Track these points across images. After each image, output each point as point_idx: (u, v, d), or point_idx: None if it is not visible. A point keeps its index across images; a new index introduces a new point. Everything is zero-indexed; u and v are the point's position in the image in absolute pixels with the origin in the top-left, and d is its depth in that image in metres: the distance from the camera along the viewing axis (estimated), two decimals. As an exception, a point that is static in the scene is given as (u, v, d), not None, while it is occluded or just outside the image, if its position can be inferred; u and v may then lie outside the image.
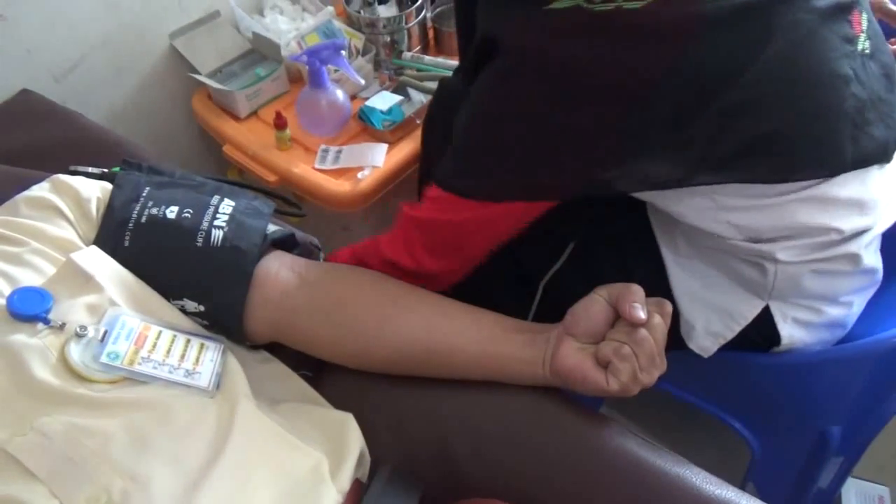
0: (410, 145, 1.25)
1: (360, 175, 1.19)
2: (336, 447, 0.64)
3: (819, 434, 0.88)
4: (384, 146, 1.23)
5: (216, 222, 0.69)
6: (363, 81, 1.29)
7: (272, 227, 0.76)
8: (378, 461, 0.67)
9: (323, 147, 1.24)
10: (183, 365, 0.62)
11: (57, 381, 0.55)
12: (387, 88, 1.32)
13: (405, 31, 1.36)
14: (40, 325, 0.57)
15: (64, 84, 1.21)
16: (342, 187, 1.19)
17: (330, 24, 1.33)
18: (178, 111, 1.41)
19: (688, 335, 0.82)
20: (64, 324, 0.58)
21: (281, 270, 0.73)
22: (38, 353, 0.56)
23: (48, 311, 0.58)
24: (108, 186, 0.72)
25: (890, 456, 1.21)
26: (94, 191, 0.70)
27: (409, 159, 1.24)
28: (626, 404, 1.23)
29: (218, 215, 0.70)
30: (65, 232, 0.66)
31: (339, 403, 0.70)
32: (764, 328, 0.79)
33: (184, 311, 0.68)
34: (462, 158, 0.75)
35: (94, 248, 0.66)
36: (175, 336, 0.64)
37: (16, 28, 1.11)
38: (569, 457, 0.65)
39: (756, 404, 0.95)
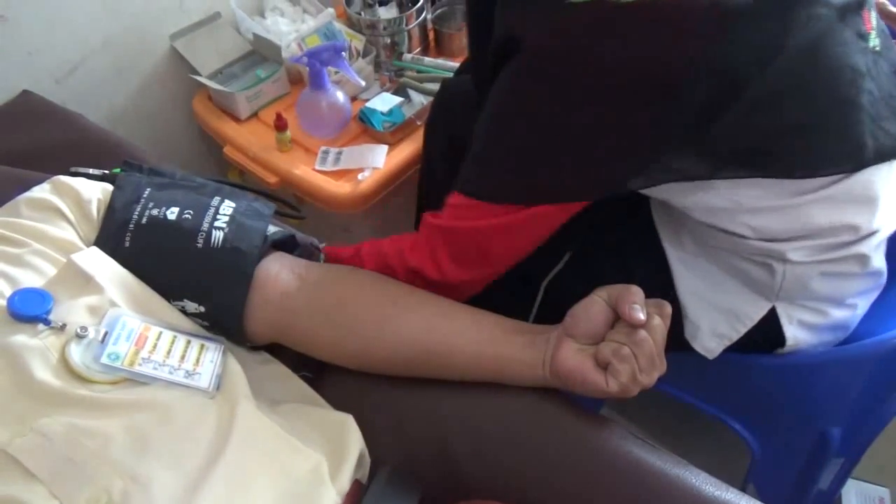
0: (411, 147, 1.25)
1: (360, 176, 1.19)
2: (336, 448, 0.64)
3: (819, 435, 0.88)
4: (384, 147, 1.23)
5: (216, 223, 0.69)
6: (363, 83, 1.29)
7: (272, 229, 0.76)
8: (378, 462, 0.67)
9: (323, 148, 1.24)
10: (183, 366, 0.62)
11: (57, 382, 0.55)
12: (387, 90, 1.32)
13: (405, 32, 1.36)
14: (41, 326, 0.57)
15: (65, 85, 1.22)
16: (342, 188, 1.19)
17: (330, 25, 1.33)
18: (178, 112, 1.41)
19: (693, 336, 0.81)
20: (64, 325, 0.58)
21: (281, 272, 0.73)
22: (38, 353, 0.56)
23: (49, 312, 0.58)
24: (109, 188, 0.72)
25: (890, 457, 1.21)
26: (94, 192, 0.70)
27: (409, 161, 1.24)
28: (626, 406, 1.23)
29: (218, 216, 0.70)
30: (65, 233, 0.66)
31: (338, 404, 0.70)
32: (768, 330, 0.78)
33: (184, 311, 0.68)
34: (485, 162, 0.74)
35: (95, 249, 0.66)
36: (175, 337, 0.64)
37: (17, 30, 1.11)
38: (569, 458, 0.65)
39: (756, 405, 0.95)
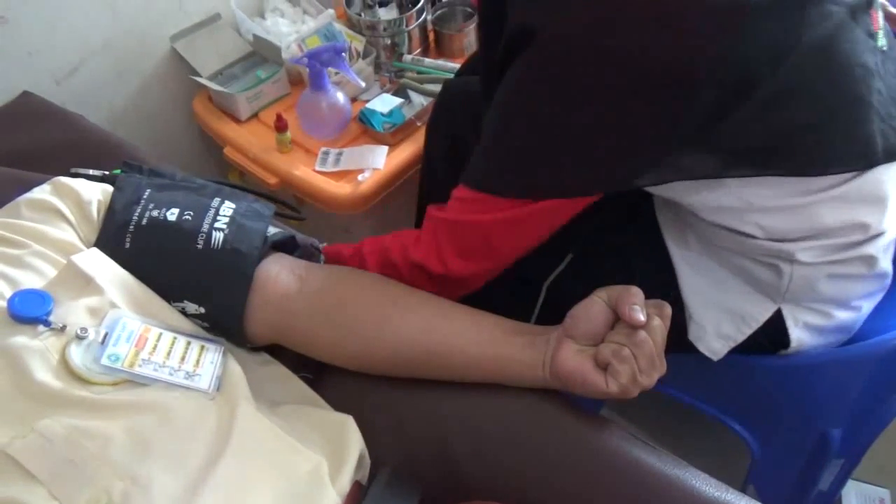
0: (411, 147, 1.25)
1: (360, 177, 1.20)
2: (336, 449, 0.64)
3: (819, 436, 0.88)
4: (385, 148, 1.24)
5: (216, 224, 0.69)
6: (364, 84, 1.29)
7: (273, 230, 0.76)
8: (378, 463, 0.67)
9: (323, 149, 1.25)
10: (183, 367, 0.62)
11: (58, 383, 0.55)
12: (387, 91, 1.32)
13: (406, 33, 1.36)
14: (41, 328, 0.57)
15: (65, 86, 1.22)
16: (343, 189, 1.19)
17: (330, 26, 1.33)
18: (178, 113, 1.41)
19: (698, 337, 0.81)
20: (65, 326, 0.58)
21: (281, 273, 0.73)
22: (38, 355, 0.56)
23: (49, 314, 0.58)
24: (109, 189, 0.72)
25: (891, 458, 1.21)
26: (94, 193, 0.70)
27: (409, 161, 1.24)
28: (626, 407, 1.23)
29: (218, 218, 0.70)
30: (66, 234, 0.66)
31: (339, 405, 0.70)
32: (772, 331, 0.78)
33: (184, 313, 0.68)
34: (493, 156, 0.73)
35: (95, 250, 0.66)
36: (175, 338, 0.64)
37: (17, 31, 1.11)
38: (569, 458, 0.65)
39: (756, 406, 0.95)
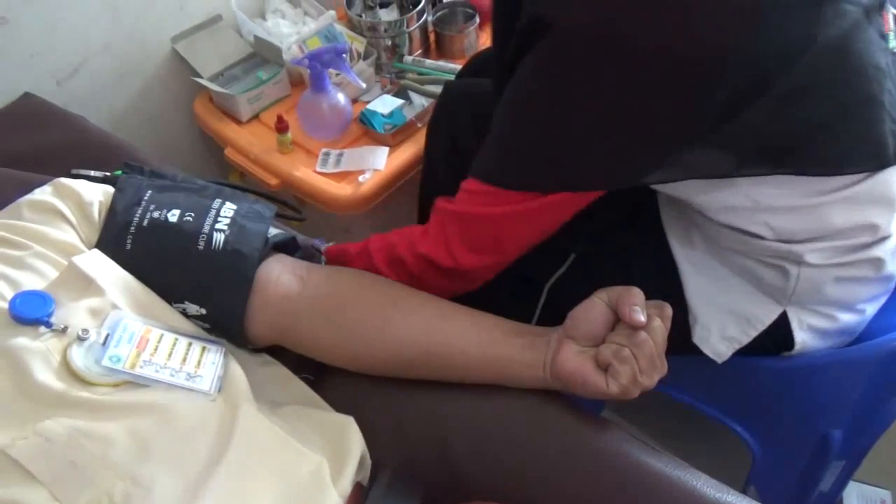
0: (412, 148, 1.25)
1: (361, 178, 1.20)
2: (337, 450, 0.64)
3: (820, 437, 0.88)
4: (385, 149, 1.24)
5: (217, 226, 0.69)
6: (364, 85, 1.29)
7: (273, 231, 0.76)
8: (379, 464, 0.67)
9: (324, 150, 1.25)
10: (184, 368, 0.62)
11: (59, 385, 0.55)
12: (388, 92, 1.32)
13: (406, 34, 1.36)
14: (42, 329, 0.57)
15: (66, 88, 1.22)
16: (343, 190, 1.19)
17: (331, 27, 1.33)
18: (179, 115, 1.41)
19: (703, 339, 0.80)
20: (66, 327, 0.58)
21: (282, 274, 0.73)
22: (40, 356, 0.56)
23: (50, 315, 0.58)
24: (110, 190, 0.72)
25: (892, 459, 1.20)
26: (96, 194, 0.70)
27: (410, 162, 1.24)
28: (627, 408, 1.23)
29: (219, 219, 0.70)
30: (67, 235, 0.66)
31: (340, 406, 0.71)
32: (776, 333, 0.78)
33: (185, 314, 0.68)
34: (504, 149, 0.72)
35: (96, 251, 0.66)
36: (177, 339, 0.64)
37: (18, 32, 1.12)
38: (569, 459, 0.65)
39: (757, 407, 0.95)
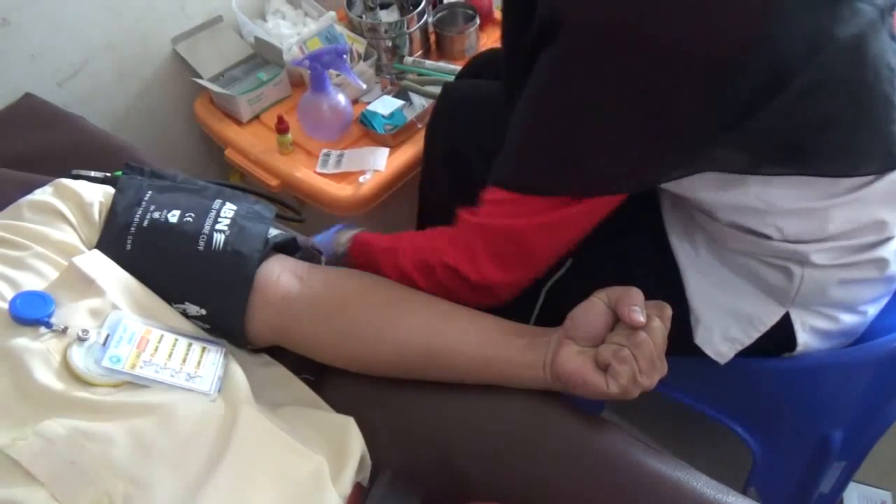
0: (412, 149, 1.25)
1: (361, 179, 1.20)
2: (337, 451, 0.64)
3: (821, 438, 0.88)
4: (386, 150, 1.24)
5: (218, 226, 0.70)
6: (365, 86, 1.30)
7: (274, 231, 0.76)
8: (379, 464, 0.67)
9: (325, 151, 1.25)
10: (184, 369, 0.62)
11: (59, 385, 0.55)
12: (388, 93, 1.32)
13: (407, 35, 1.36)
14: (42, 329, 0.58)
15: (67, 88, 1.22)
16: (344, 191, 1.19)
17: (332, 28, 1.34)
18: (180, 115, 1.41)
19: (705, 340, 0.80)
20: (66, 328, 0.58)
21: (282, 274, 0.73)
22: (40, 356, 0.56)
23: (50, 315, 0.58)
24: (111, 190, 0.72)
25: (893, 460, 1.20)
26: (96, 195, 0.70)
27: (410, 163, 1.24)
28: (627, 408, 1.23)
29: (220, 219, 0.70)
30: (67, 236, 0.66)
31: (340, 407, 0.71)
32: (778, 334, 0.78)
33: (185, 314, 0.68)
34: (525, 153, 0.71)
35: (97, 251, 0.66)
36: (177, 340, 0.64)
37: (20, 33, 1.12)
38: (569, 460, 0.65)
39: (758, 408, 0.95)
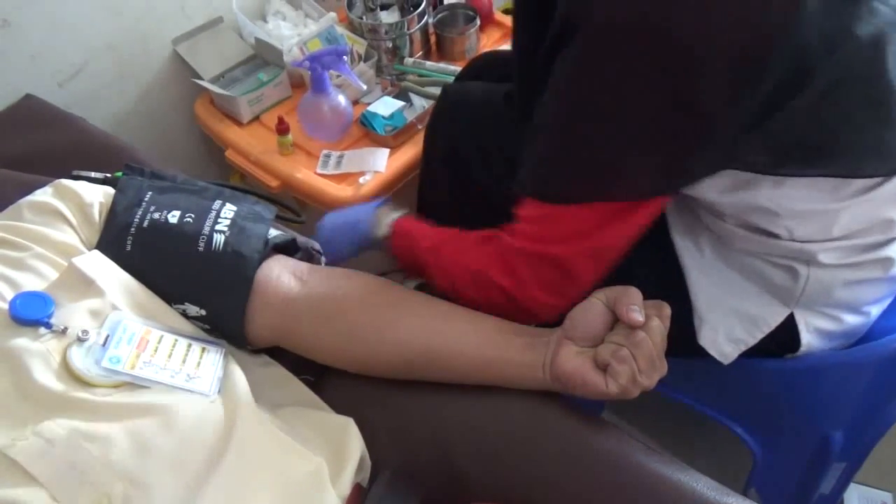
0: (412, 150, 1.25)
1: (361, 180, 1.20)
2: (336, 451, 0.64)
3: (821, 439, 0.88)
4: (386, 151, 1.24)
5: (218, 227, 0.70)
6: (365, 87, 1.30)
7: (274, 232, 0.76)
8: (379, 465, 0.67)
9: (325, 152, 1.25)
10: (184, 369, 0.62)
11: (59, 386, 0.55)
12: (389, 94, 1.32)
13: (407, 36, 1.36)
14: (42, 330, 0.58)
15: (67, 89, 1.22)
16: (344, 192, 1.19)
17: (332, 29, 1.34)
18: (180, 116, 1.41)
19: (710, 341, 0.80)
20: (66, 328, 0.58)
21: (282, 275, 0.73)
22: (40, 357, 0.56)
23: (50, 316, 0.58)
24: (111, 191, 0.72)
25: (893, 461, 1.20)
26: (96, 195, 0.70)
27: (410, 164, 1.24)
28: (627, 409, 1.23)
29: (220, 220, 0.70)
30: (67, 236, 0.66)
31: (339, 407, 0.71)
32: (781, 335, 0.78)
33: (185, 315, 0.68)
34: (556, 161, 0.69)
35: (97, 252, 0.66)
36: (176, 340, 0.64)
37: (20, 34, 1.12)
38: (569, 461, 0.65)
39: (758, 408, 0.94)
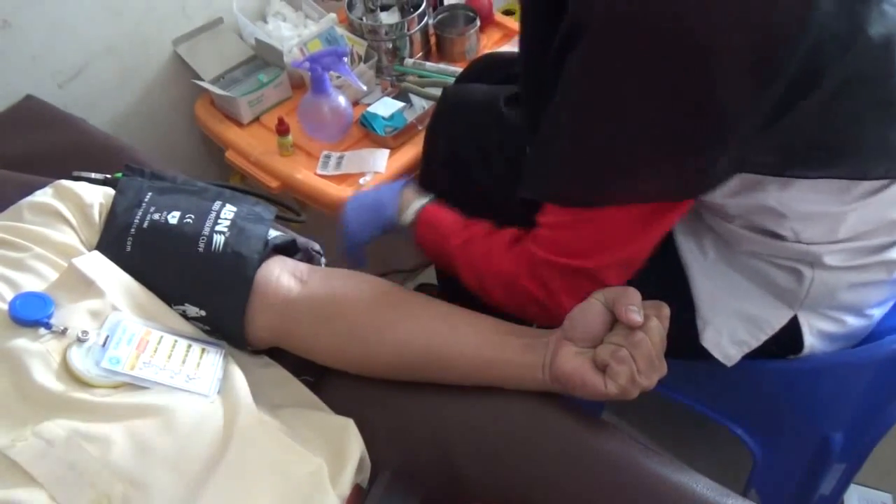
0: (412, 151, 1.25)
1: (361, 181, 1.20)
2: (336, 452, 0.64)
3: (821, 440, 0.88)
4: (386, 152, 1.24)
5: (217, 228, 0.70)
6: (365, 87, 1.30)
7: (274, 233, 0.76)
8: (378, 466, 0.67)
9: (325, 153, 1.25)
10: (184, 370, 0.62)
11: (58, 386, 0.55)
12: (389, 94, 1.32)
13: (407, 37, 1.36)
14: (42, 330, 0.58)
15: (68, 90, 1.22)
16: (344, 193, 1.19)
17: (332, 30, 1.34)
18: (180, 117, 1.41)
19: (714, 343, 0.80)
20: (66, 329, 0.58)
21: (282, 276, 0.73)
22: (39, 358, 0.56)
23: (50, 316, 0.58)
24: (111, 192, 0.72)
25: (894, 462, 1.20)
26: (96, 196, 0.71)
27: (410, 165, 1.24)
28: (627, 410, 1.23)
29: (219, 221, 0.70)
30: (67, 237, 0.67)
31: (339, 408, 0.71)
32: (783, 337, 0.78)
33: (185, 316, 0.68)
34: (576, 164, 0.68)
35: (97, 253, 0.66)
36: (176, 341, 0.65)
37: (21, 35, 1.12)
38: (569, 461, 0.65)
39: (758, 409, 0.94)
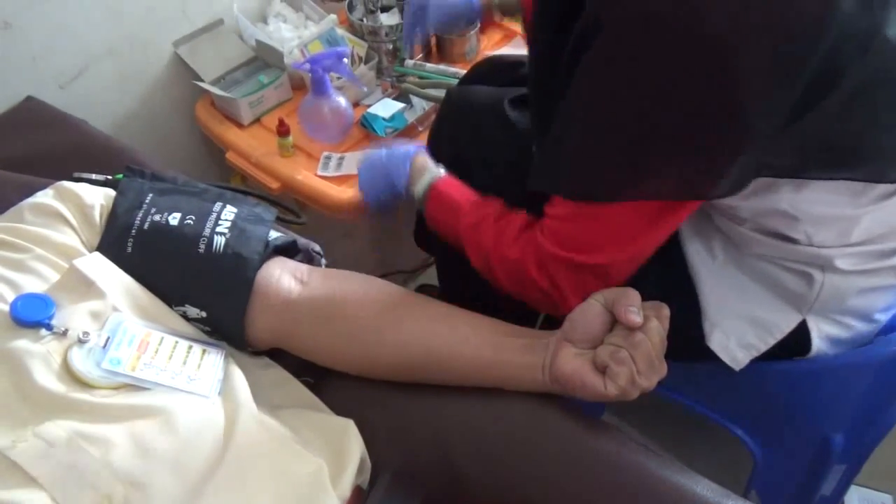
0: (413, 152, 1.25)
1: (362, 181, 1.20)
2: (337, 453, 0.64)
3: (822, 441, 0.88)
4: (386, 153, 1.24)
5: (218, 229, 0.70)
6: (366, 89, 1.30)
7: (274, 234, 0.76)
8: (379, 467, 0.67)
9: (325, 154, 1.25)
10: (184, 371, 0.62)
11: (59, 387, 0.55)
12: (389, 96, 1.32)
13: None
14: (43, 332, 0.58)
15: (68, 91, 1.22)
16: (345, 194, 1.19)
17: (333, 31, 1.34)
18: (181, 118, 1.41)
19: (722, 347, 0.80)
20: (66, 330, 0.58)
21: (282, 277, 0.73)
22: (40, 359, 0.56)
23: (51, 318, 0.58)
24: (112, 193, 0.72)
25: (894, 463, 1.20)
26: (97, 197, 0.71)
27: (411, 166, 1.24)
28: (628, 411, 1.23)
29: (220, 222, 0.70)
30: (68, 238, 0.67)
31: (340, 409, 0.71)
32: (790, 340, 0.78)
33: (186, 317, 0.69)
34: (590, 158, 0.68)
35: (97, 254, 0.66)
36: (177, 342, 0.65)
37: (21, 36, 1.12)
38: (570, 462, 0.65)
39: (759, 410, 0.94)
